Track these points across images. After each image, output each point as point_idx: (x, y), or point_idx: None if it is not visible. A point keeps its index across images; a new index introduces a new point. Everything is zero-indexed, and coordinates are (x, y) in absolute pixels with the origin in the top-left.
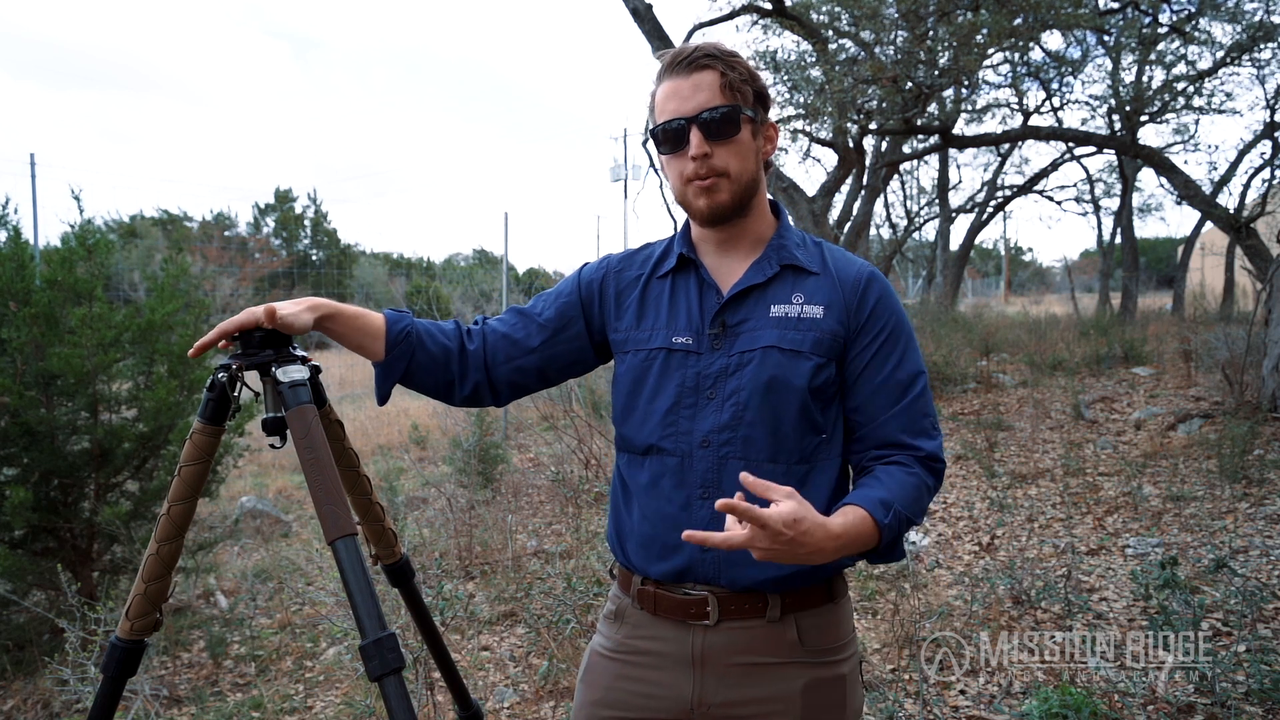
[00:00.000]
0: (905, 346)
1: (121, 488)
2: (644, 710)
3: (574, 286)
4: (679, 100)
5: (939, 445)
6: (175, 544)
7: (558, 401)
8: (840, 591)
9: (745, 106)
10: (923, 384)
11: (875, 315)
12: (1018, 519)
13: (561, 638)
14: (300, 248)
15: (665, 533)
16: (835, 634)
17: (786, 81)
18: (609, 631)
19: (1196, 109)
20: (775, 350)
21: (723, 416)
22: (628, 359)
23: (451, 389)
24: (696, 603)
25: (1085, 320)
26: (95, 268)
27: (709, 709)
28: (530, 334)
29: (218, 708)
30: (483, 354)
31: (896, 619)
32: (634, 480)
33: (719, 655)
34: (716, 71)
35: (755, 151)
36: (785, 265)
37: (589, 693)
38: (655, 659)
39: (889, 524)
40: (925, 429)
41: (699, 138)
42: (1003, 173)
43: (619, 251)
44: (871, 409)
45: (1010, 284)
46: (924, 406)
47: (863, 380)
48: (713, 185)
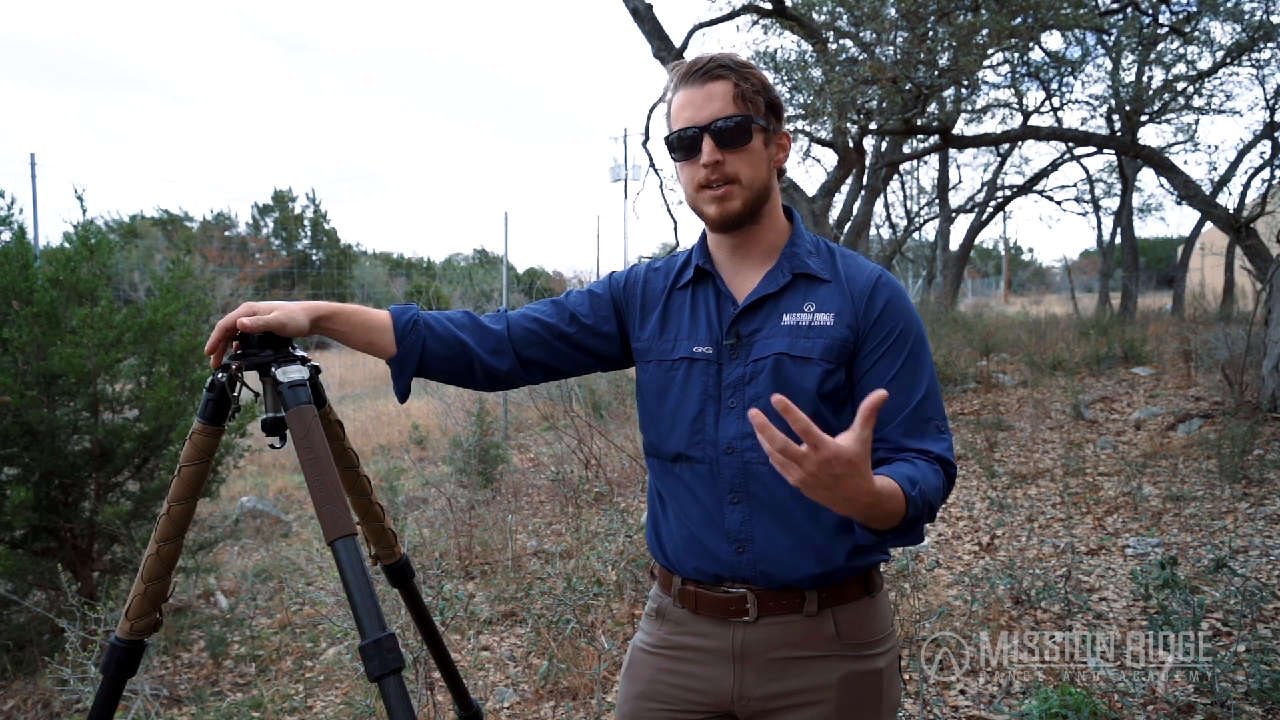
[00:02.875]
0: (914, 349)
1: (122, 488)
2: (686, 703)
3: (606, 287)
4: (693, 109)
5: (947, 447)
6: (175, 544)
7: (558, 401)
8: (877, 586)
9: (757, 116)
10: (929, 386)
11: (883, 319)
12: (1018, 519)
13: (561, 638)
14: (300, 248)
15: (701, 535)
16: (872, 628)
17: (786, 81)
18: (651, 629)
19: (1196, 109)
20: (785, 357)
21: (745, 424)
22: (650, 368)
23: (471, 371)
24: (736, 600)
25: (1085, 320)
26: (98, 267)
27: (749, 701)
28: (565, 320)
29: (218, 708)
30: (507, 334)
31: (897, 619)
32: (666, 487)
33: (759, 650)
34: (730, 82)
35: (767, 160)
36: (798, 274)
37: (632, 686)
38: (697, 654)
39: (914, 497)
40: (932, 432)
41: (711, 145)
42: (1003, 173)
43: (646, 261)
44: (888, 409)
45: (1010, 284)
46: (929, 410)
47: (870, 383)
48: (725, 193)
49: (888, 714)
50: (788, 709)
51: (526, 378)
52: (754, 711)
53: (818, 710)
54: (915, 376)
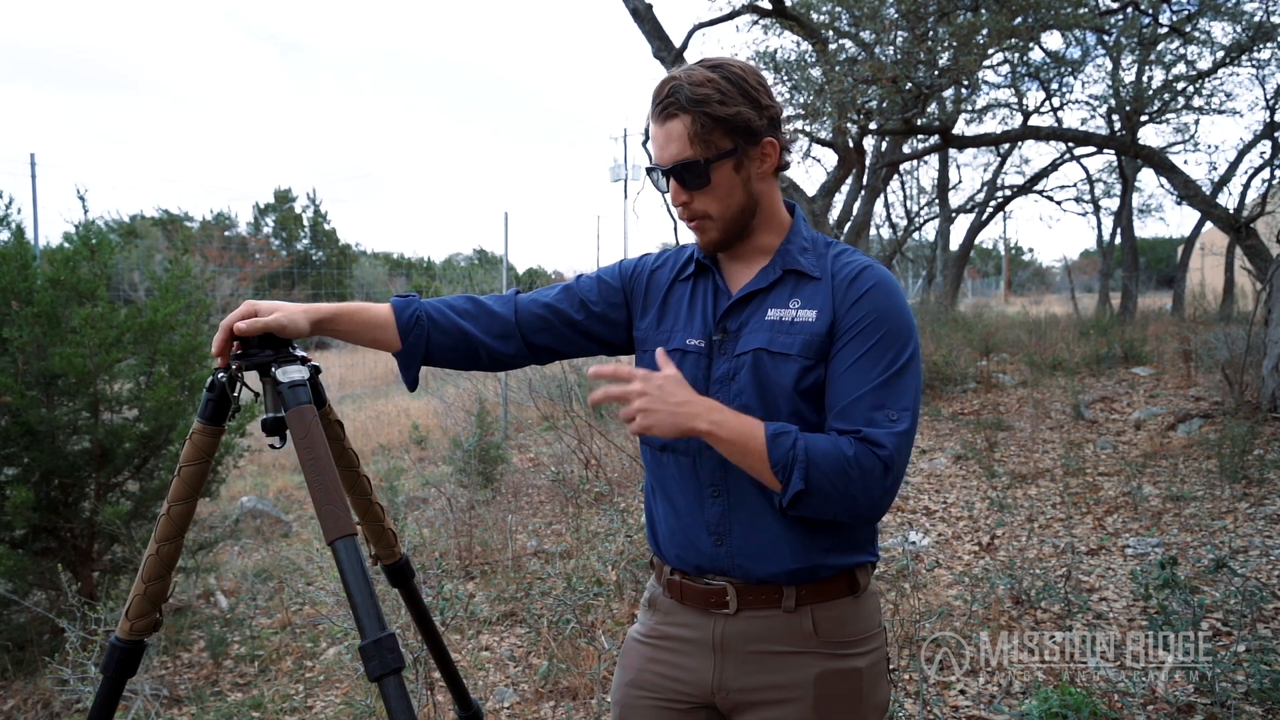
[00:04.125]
0: (884, 338)
1: (122, 488)
2: (670, 692)
3: (616, 274)
4: (657, 148)
5: (888, 434)
6: (175, 544)
7: (558, 401)
8: (862, 585)
9: (719, 152)
10: (890, 377)
11: (857, 306)
12: (1018, 519)
13: (561, 638)
14: (300, 248)
15: (684, 526)
16: (854, 627)
17: (786, 81)
18: (644, 617)
19: (1196, 109)
20: (764, 353)
21: None
22: (646, 357)
23: (476, 357)
24: (716, 592)
25: (1085, 320)
26: (98, 267)
27: (728, 693)
28: (574, 306)
29: (218, 708)
30: (515, 319)
31: (896, 619)
32: (655, 476)
33: (738, 642)
34: (685, 120)
35: (742, 184)
36: (788, 270)
37: (624, 674)
38: (682, 644)
39: (775, 437)
40: (878, 420)
41: (675, 187)
42: (1003, 173)
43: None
44: (836, 394)
45: (1010, 284)
46: (885, 398)
47: (833, 366)
48: (699, 227)
49: (870, 715)
50: (764, 704)
51: (532, 359)
52: (733, 704)
53: (793, 706)
54: (878, 364)
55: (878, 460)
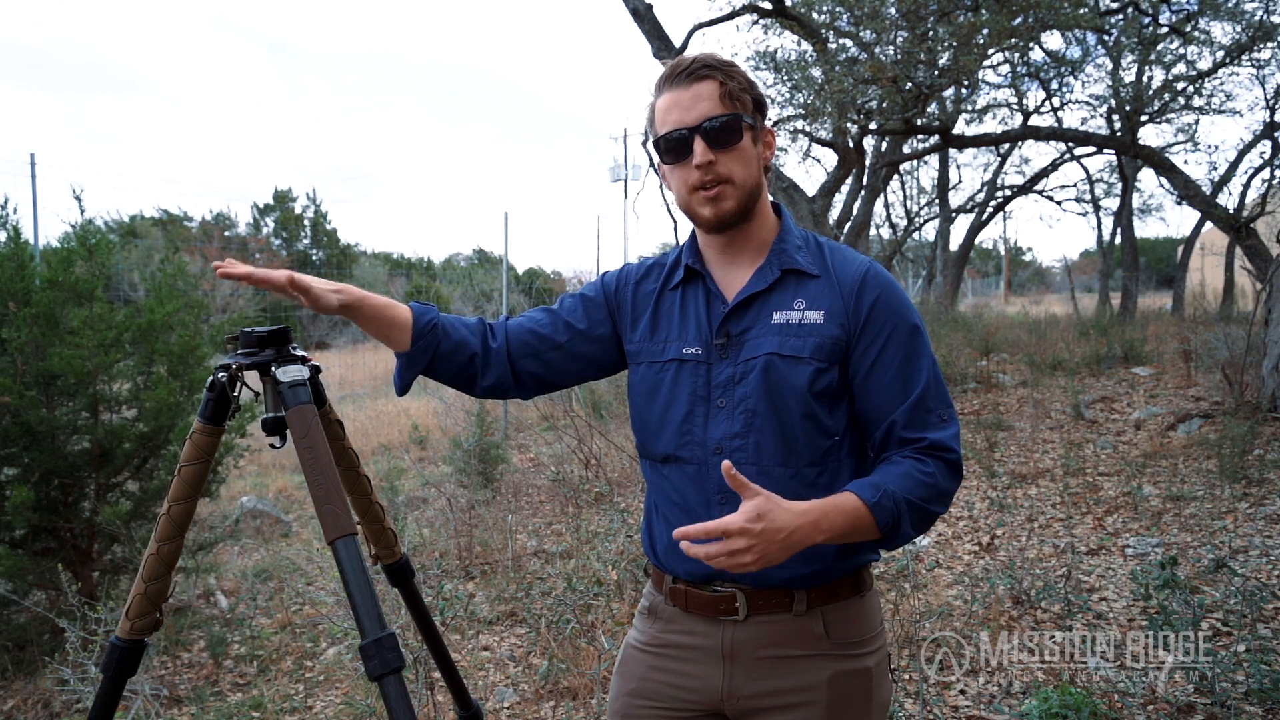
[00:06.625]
0: (909, 342)
1: (122, 488)
2: (676, 701)
3: (599, 290)
4: (681, 111)
5: (950, 434)
6: (175, 544)
7: (558, 401)
8: (866, 585)
9: (746, 114)
10: (928, 378)
11: (875, 316)
12: (1018, 519)
13: (561, 637)
14: (300, 248)
15: None
16: (862, 627)
17: (786, 81)
18: (643, 626)
19: (1196, 109)
20: (775, 357)
21: (734, 425)
22: (641, 370)
23: (473, 382)
24: (725, 599)
25: (1085, 320)
26: (96, 268)
27: (739, 700)
28: (558, 330)
29: (218, 708)
30: (506, 349)
31: (896, 619)
32: (657, 487)
33: (748, 648)
34: (716, 81)
35: (756, 158)
36: (786, 270)
37: (624, 683)
38: (687, 652)
39: (879, 503)
40: (932, 422)
41: (703, 146)
42: (1003, 173)
43: (636, 262)
44: (879, 410)
45: (1010, 284)
46: (930, 400)
47: (868, 382)
48: (718, 194)
49: (877, 713)
50: (777, 708)
51: (518, 390)
52: (743, 710)
53: (807, 710)
54: (912, 369)
55: (951, 466)
